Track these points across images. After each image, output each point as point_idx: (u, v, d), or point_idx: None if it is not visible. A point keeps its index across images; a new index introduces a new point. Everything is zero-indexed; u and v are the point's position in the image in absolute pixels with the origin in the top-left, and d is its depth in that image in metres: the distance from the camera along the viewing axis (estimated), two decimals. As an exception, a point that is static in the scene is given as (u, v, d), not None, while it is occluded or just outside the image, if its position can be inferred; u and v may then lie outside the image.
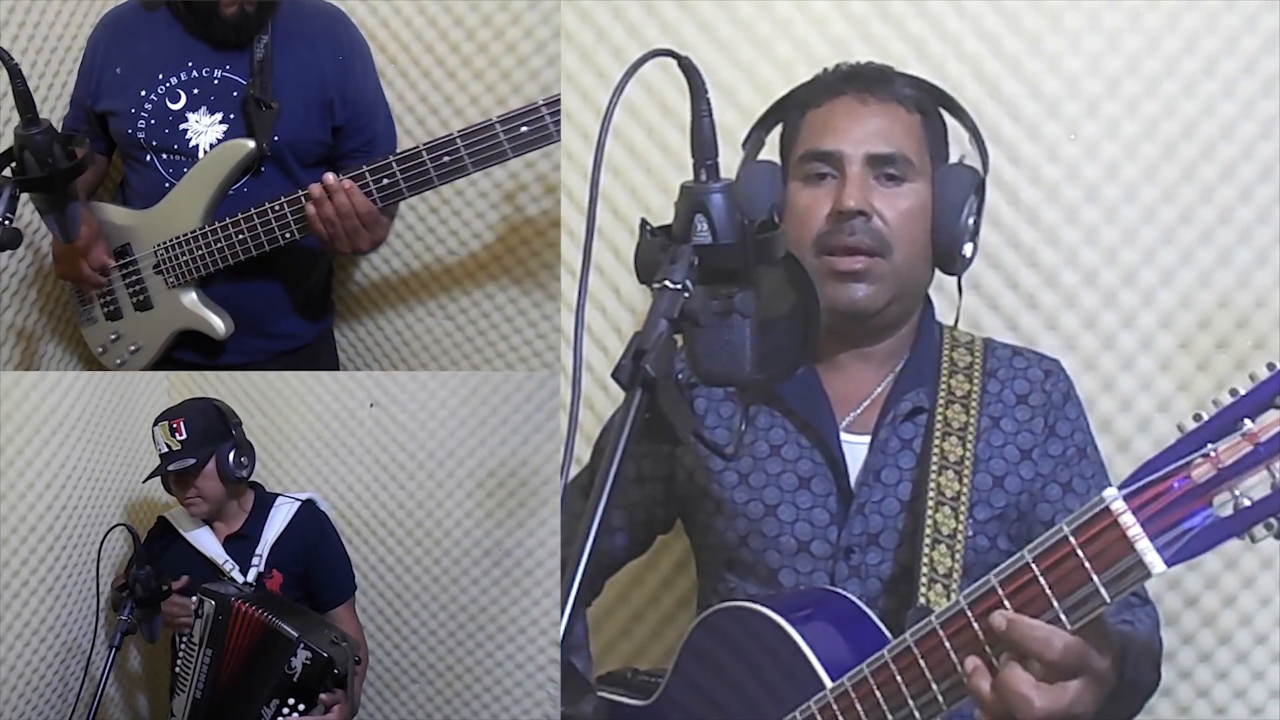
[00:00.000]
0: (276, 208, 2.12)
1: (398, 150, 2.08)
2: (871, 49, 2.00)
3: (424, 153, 2.03)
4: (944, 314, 1.81)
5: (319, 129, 2.22)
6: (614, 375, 1.16)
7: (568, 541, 1.75)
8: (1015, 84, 1.99)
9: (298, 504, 2.34)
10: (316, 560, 2.32)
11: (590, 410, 2.16)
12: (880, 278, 1.62)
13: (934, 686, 1.28)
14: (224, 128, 2.18)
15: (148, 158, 2.22)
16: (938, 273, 1.75)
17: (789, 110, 1.76)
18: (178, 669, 2.18)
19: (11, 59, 1.64)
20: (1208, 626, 2.00)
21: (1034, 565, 1.20)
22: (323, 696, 2.09)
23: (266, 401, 2.65)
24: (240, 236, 2.15)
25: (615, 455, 1.13)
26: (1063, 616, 1.19)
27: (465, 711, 2.59)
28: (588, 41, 2.14)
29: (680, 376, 1.22)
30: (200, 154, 2.18)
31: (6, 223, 1.59)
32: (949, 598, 1.51)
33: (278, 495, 2.36)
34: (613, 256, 2.16)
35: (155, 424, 2.25)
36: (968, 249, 1.69)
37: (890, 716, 1.32)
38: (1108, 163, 1.97)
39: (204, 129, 2.19)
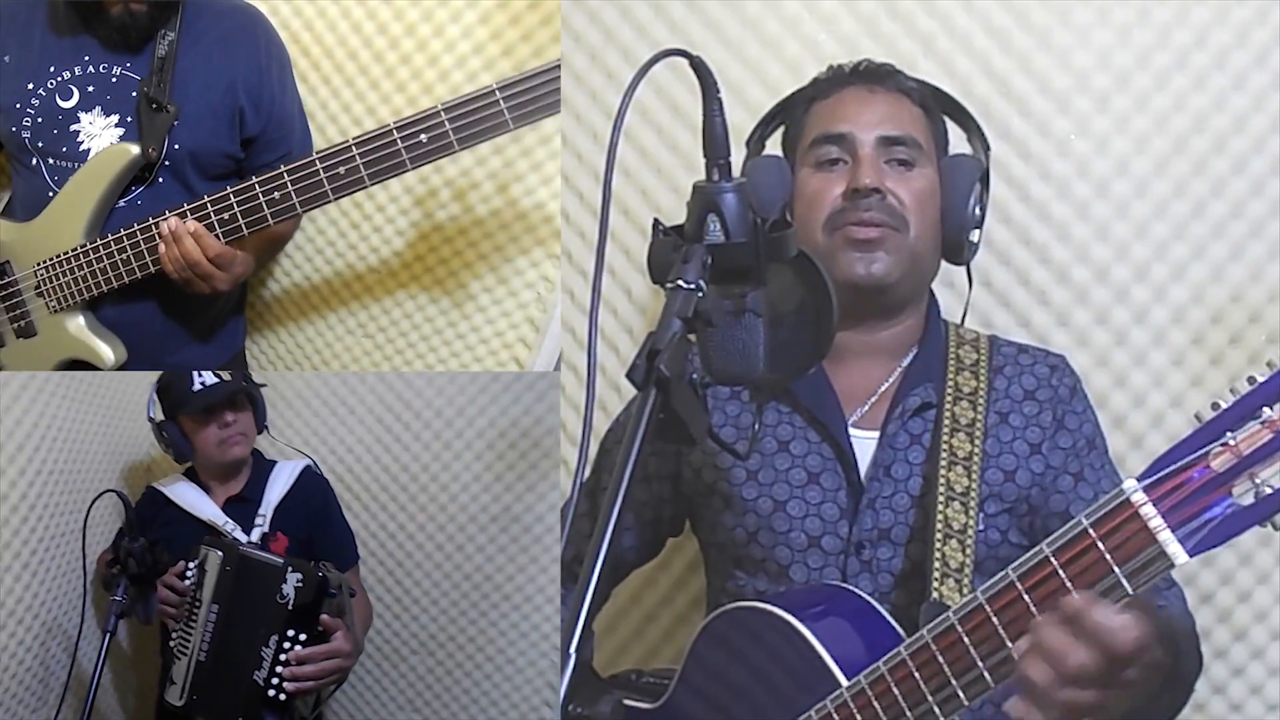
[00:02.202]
0: (160, 224, 1.92)
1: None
2: (880, 47, 2.00)
3: (318, 162, 1.86)
4: (949, 312, 1.81)
5: (226, 139, 2.04)
6: (629, 376, 1.16)
7: (572, 542, 1.75)
8: (1025, 80, 1.98)
9: (299, 467, 2.25)
10: (321, 525, 2.23)
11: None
12: (896, 248, 1.63)
13: (953, 682, 1.28)
14: (120, 131, 1.98)
15: (33, 161, 2.02)
16: (943, 271, 1.76)
17: (792, 108, 1.77)
18: (174, 638, 2.05)
19: None
20: (1223, 623, 1.99)
21: (1053, 559, 1.20)
22: (324, 618, 1.98)
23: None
24: (124, 255, 1.96)
25: (631, 455, 1.13)
26: (1084, 609, 1.18)
27: (466, 682, 2.56)
28: (596, 42, 2.14)
29: (694, 376, 1.22)
30: None
31: None
32: (961, 592, 1.51)
33: (275, 461, 2.28)
34: (623, 257, 2.15)
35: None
36: (974, 235, 1.71)
37: (909, 713, 1.31)
38: (1118, 158, 1.97)
39: (98, 132, 1.98)
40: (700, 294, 1.20)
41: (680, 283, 1.20)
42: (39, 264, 2.05)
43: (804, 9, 2.06)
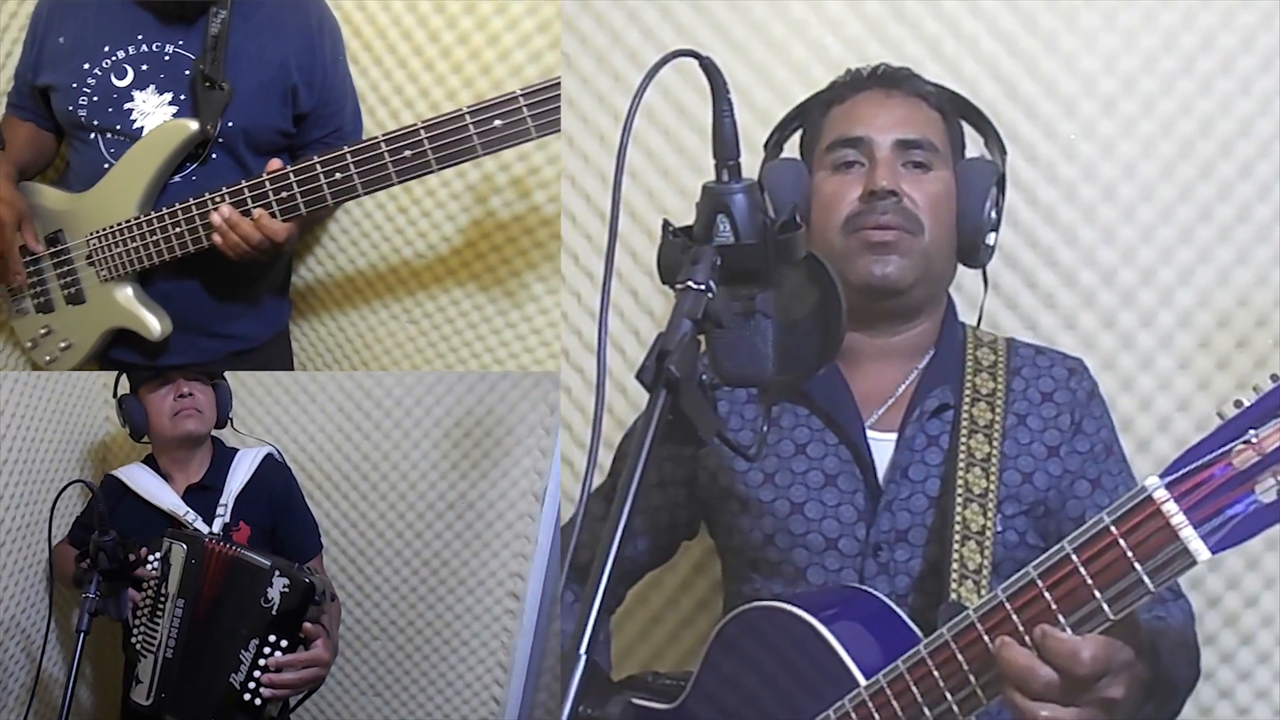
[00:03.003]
0: (216, 200, 1.94)
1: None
2: (887, 50, 2.00)
3: (383, 145, 1.84)
4: (964, 315, 1.80)
5: (278, 116, 2.06)
6: (638, 376, 1.16)
7: (585, 546, 1.74)
8: (1031, 84, 1.99)
9: (261, 454, 2.24)
10: (284, 514, 2.23)
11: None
12: (910, 252, 1.63)
13: (972, 680, 1.27)
14: (174, 109, 2.01)
15: (90, 136, 2.07)
16: (958, 274, 1.76)
17: (809, 112, 1.77)
18: (138, 634, 2.02)
19: None
20: (1229, 627, 1.99)
21: (1074, 556, 1.19)
22: (307, 626, 1.96)
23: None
24: (177, 230, 1.98)
25: (641, 455, 1.12)
26: (1105, 607, 1.18)
27: (425, 665, 2.60)
28: (603, 45, 2.14)
29: (704, 377, 1.22)
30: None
31: None
32: (979, 594, 1.50)
33: (237, 449, 2.27)
34: (629, 259, 2.15)
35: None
36: (990, 239, 1.71)
37: (927, 712, 1.31)
38: (1125, 161, 1.97)
39: (151, 109, 2.01)
40: (710, 295, 1.19)
41: (690, 284, 1.20)
42: (91, 233, 2.08)
43: (810, 12, 2.06)
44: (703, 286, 1.19)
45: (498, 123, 1.79)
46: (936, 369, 1.69)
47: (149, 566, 2.00)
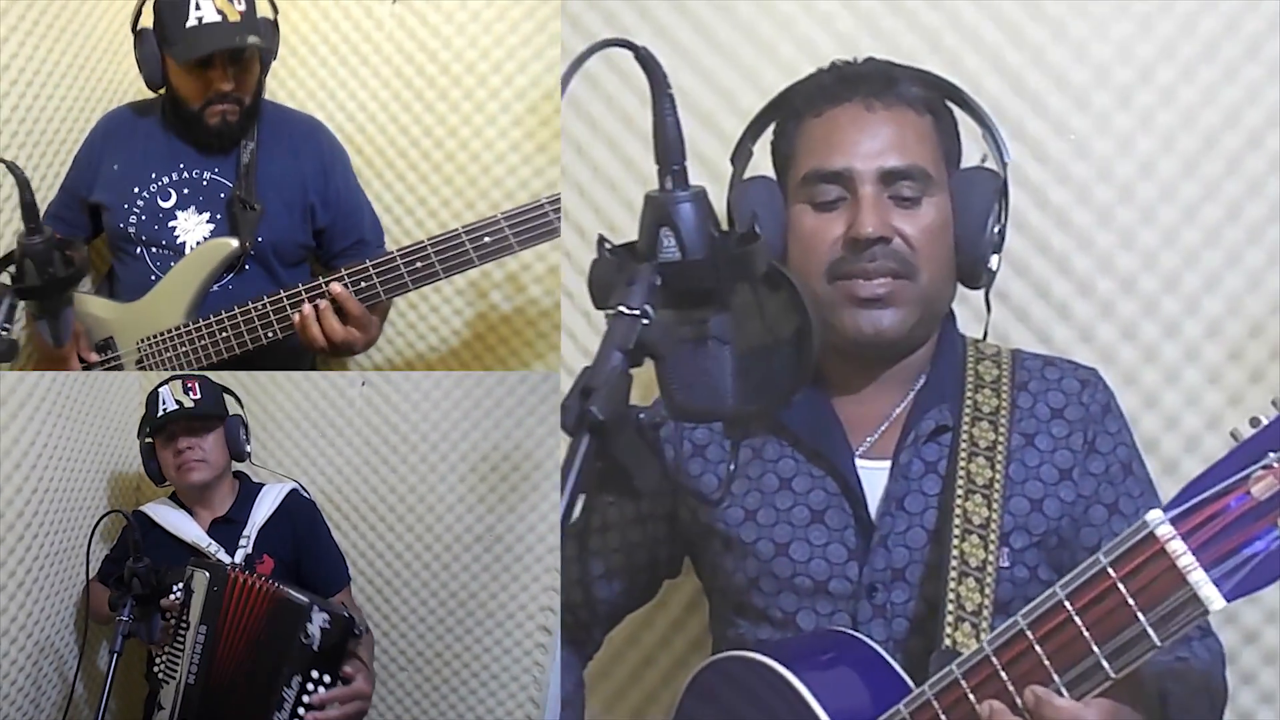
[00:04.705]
0: (259, 307, 2.17)
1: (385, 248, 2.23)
2: (882, 44, 1.89)
3: (399, 259, 2.12)
4: (966, 325, 1.69)
5: (300, 231, 2.35)
6: (563, 422, 1.00)
7: (565, 588, 1.62)
8: (1039, 76, 1.88)
9: (285, 490, 2.36)
10: (309, 548, 2.31)
11: None
12: (907, 301, 1.49)
13: (959, 744, 1.13)
14: (210, 226, 2.30)
15: (137, 250, 2.32)
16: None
17: (781, 115, 1.62)
18: (160, 663, 2.08)
19: (20, 171, 1.80)
20: (1270, 664, 1.86)
21: (1068, 603, 1.05)
22: (346, 669, 2.07)
23: (252, 380, 2.65)
24: (224, 334, 2.21)
25: (562, 508, 0.98)
26: (1105, 664, 1.03)
27: (453, 697, 2.63)
28: (577, 48, 2.02)
29: (642, 416, 1.08)
30: (187, 250, 2.28)
31: (4, 332, 1.71)
32: (978, 638, 1.36)
33: (263, 484, 2.37)
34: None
35: (162, 384, 2.28)
36: (994, 261, 1.56)
37: (910, 777, 1.17)
38: (1142, 158, 1.87)
39: (192, 227, 2.29)
40: (646, 322, 1.05)
41: (621, 309, 1.05)
42: (141, 340, 2.28)
43: (800, 8, 1.96)
44: (637, 312, 1.05)
45: (487, 239, 2.07)
46: (934, 388, 1.55)
47: (173, 597, 2.07)
